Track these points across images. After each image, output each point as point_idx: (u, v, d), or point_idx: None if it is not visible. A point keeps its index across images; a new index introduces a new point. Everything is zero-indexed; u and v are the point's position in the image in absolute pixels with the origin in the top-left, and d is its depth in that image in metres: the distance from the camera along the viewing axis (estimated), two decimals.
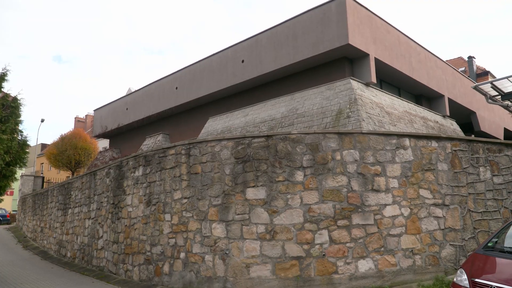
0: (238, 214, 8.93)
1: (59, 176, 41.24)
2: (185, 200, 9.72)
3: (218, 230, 9.02)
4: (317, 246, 8.46)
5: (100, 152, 30.30)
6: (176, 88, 22.41)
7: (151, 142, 23.97)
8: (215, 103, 21.27)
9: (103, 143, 38.34)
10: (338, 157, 8.91)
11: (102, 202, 13.06)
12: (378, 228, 8.65)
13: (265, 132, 10.27)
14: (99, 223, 12.98)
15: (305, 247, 8.47)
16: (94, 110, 30.74)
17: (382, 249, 8.56)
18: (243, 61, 18.45)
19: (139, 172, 11.30)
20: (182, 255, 9.42)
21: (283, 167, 8.96)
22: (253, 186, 9.00)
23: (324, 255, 8.41)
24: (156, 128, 25.13)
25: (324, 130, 9.27)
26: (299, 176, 8.87)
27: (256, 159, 9.14)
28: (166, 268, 9.69)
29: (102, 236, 12.66)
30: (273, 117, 16.50)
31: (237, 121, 18.46)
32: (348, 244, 8.48)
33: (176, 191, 9.97)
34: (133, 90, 32.16)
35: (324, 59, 15.94)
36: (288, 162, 8.96)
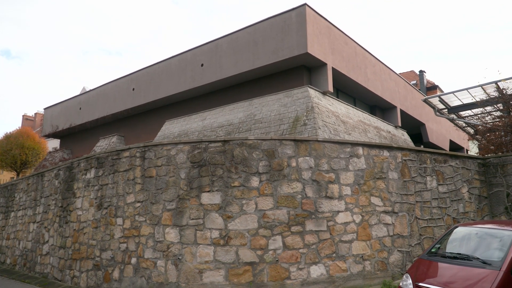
0: (193, 219, 8.82)
1: (2, 177, 39.09)
2: (138, 204, 9.48)
3: (172, 235, 8.86)
4: (270, 252, 8.50)
5: (50, 152, 29.00)
6: (133, 89, 21.91)
7: (105, 144, 23.25)
8: (172, 106, 20.98)
9: (53, 143, 36.77)
10: (294, 164, 9.03)
11: (49, 205, 12.49)
12: (330, 234, 8.82)
13: (222, 137, 10.25)
14: (45, 227, 12.39)
15: (259, 252, 8.49)
16: (45, 109, 29.43)
17: (334, 255, 8.73)
18: (202, 65, 18.34)
19: (90, 174, 10.91)
20: (134, 260, 9.17)
21: (239, 172, 8.96)
22: (208, 191, 8.93)
23: (277, 260, 8.46)
24: (110, 129, 24.42)
25: (280, 136, 9.37)
26: (254, 182, 8.90)
27: (212, 164, 9.08)
28: (116, 274, 9.39)
29: (47, 241, 12.09)
30: (231, 122, 16.49)
31: (195, 125, 18.29)
32: (301, 250, 8.59)
33: (129, 195, 9.71)
34: (87, 90, 31.12)
35: (283, 67, 16.14)
36: (244, 168, 8.97)
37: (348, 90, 18.89)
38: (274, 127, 14.46)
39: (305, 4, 15.24)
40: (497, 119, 15.80)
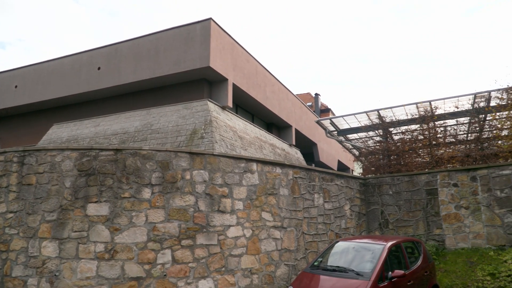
0: (75, 232, 8.20)
1: None
2: (10, 215, 8.53)
3: (49, 249, 8.12)
4: (158, 266, 8.24)
5: None
6: (16, 86, 19.90)
7: None
8: (62, 109, 19.48)
9: None
10: (188, 177, 8.94)
11: None
12: (221, 248, 8.85)
13: (115, 145, 9.77)
14: None
15: (146, 267, 8.18)
16: None
17: (223, 269, 8.77)
18: (99, 68, 17.41)
19: None
20: None
21: (130, 183, 8.59)
22: (95, 202, 8.40)
23: (165, 275, 8.23)
24: None
25: (176, 148, 9.22)
26: (146, 193, 8.60)
27: (102, 173, 8.58)
28: None
29: None
30: (126, 130, 15.83)
31: (86, 130, 17.18)
32: (190, 264, 8.47)
33: (0, 204, 8.70)
34: None
35: (184, 78, 16.04)
36: (136, 179, 8.64)
37: (247, 107, 19.39)
38: (171, 138, 14.22)
39: (210, 18, 15.41)
40: (377, 144, 17.47)
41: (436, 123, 16.02)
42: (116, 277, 8.01)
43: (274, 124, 22.15)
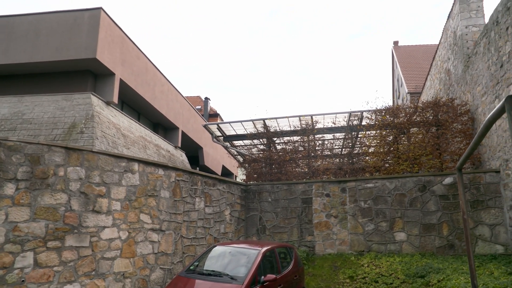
0: None
1: None
2: None
3: None
4: (16, 271, 7.44)
5: None
6: None
7: None
8: None
9: None
10: (62, 173, 8.28)
11: None
12: (92, 251, 8.35)
13: None
14: None
15: (0, 272, 7.33)
16: None
17: (93, 273, 8.28)
18: None
19: None
20: None
21: None
22: None
23: (23, 280, 7.46)
24: None
25: (50, 142, 8.47)
26: (9, 189, 7.74)
27: None
28: None
29: None
30: None
31: None
32: (56, 268, 7.82)
33: None
34: None
35: (66, 67, 14.87)
36: None
37: (133, 104, 18.69)
38: (46, 130, 13.04)
39: (101, 8, 14.58)
40: (261, 152, 18.19)
41: (316, 136, 17.24)
42: None
43: (160, 125, 21.69)
